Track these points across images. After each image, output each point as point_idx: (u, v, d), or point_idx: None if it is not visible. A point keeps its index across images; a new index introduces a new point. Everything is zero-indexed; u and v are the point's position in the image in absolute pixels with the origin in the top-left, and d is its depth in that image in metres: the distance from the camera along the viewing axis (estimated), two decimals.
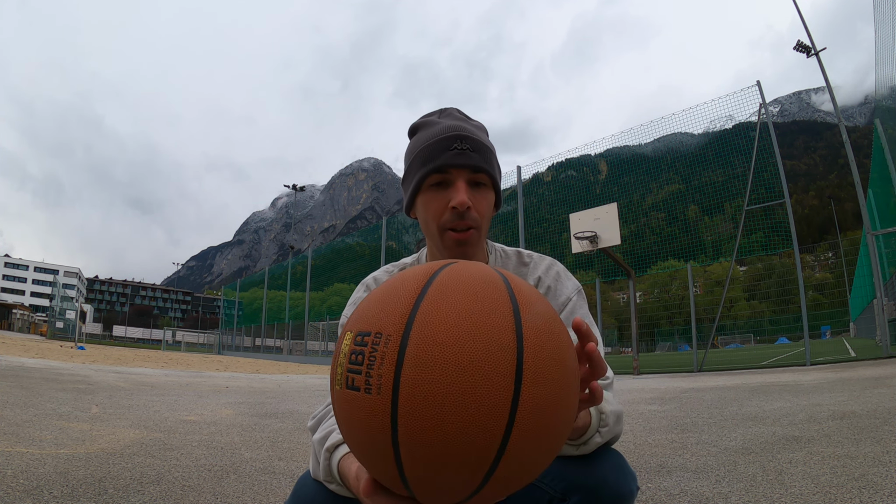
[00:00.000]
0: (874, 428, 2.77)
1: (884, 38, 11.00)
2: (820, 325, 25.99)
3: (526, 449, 0.48)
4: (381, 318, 0.49)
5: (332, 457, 0.73)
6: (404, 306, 0.49)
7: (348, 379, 0.49)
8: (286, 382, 8.27)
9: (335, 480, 0.73)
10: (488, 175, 0.89)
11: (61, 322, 36.65)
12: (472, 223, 0.87)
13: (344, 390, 0.50)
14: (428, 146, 0.89)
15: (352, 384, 0.49)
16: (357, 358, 0.49)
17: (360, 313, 0.53)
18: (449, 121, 0.91)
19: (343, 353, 0.51)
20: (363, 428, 0.49)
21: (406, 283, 0.52)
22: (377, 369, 0.47)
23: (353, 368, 0.49)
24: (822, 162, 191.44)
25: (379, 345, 0.48)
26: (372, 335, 0.49)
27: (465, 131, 0.88)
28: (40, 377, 5.96)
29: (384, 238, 18.28)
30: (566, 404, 0.51)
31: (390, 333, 0.48)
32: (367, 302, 0.53)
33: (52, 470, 2.05)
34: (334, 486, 0.74)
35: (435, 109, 0.98)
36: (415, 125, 0.96)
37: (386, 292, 0.52)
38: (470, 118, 0.96)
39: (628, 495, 0.76)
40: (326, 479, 0.74)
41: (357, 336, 0.50)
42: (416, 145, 0.92)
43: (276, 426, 3.59)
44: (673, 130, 13.31)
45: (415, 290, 0.50)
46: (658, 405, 4.51)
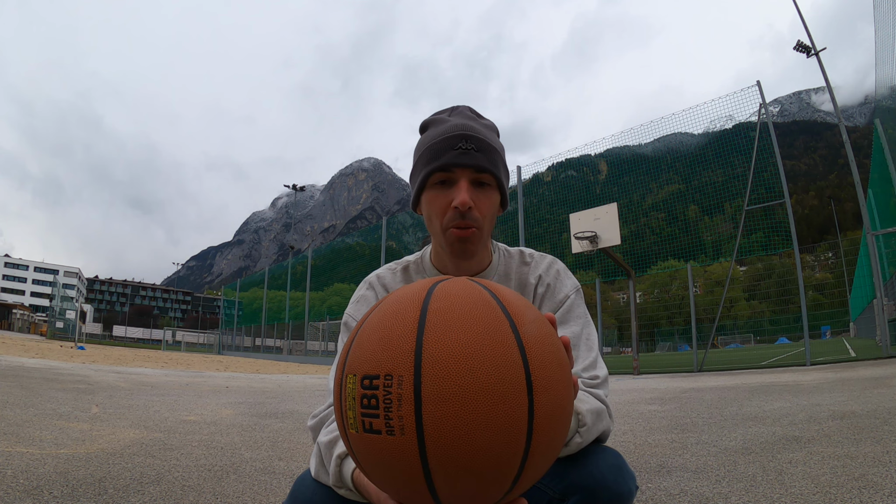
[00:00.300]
0: (874, 428, 2.77)
1: (884, 39, 11.00)
2: (820, 326, 25.99)
3: (543, 452, 0.51)
4: (386, 360, 0.49)
5: (344, 464, 0.73)
6: (407, 343, 0.49)
7: (364, 423, 0.49)
8: (286, 382, 8.27)
9: (346, 486, 0.72)
10: (492, 175, 0.89)
11: (61, 322, 36.65)
12: (474, 223, 0.87)
13: (362, 434, 0.50)
14: (434, 144, 0.89)
15: (370, 428, 0.49)
16: (370, 402, 0.49)
17: (359, 355, 0.52)
18: (458, 119, 0.91)
19: (351, 396, 0.51)
20: (391, 467, 0.50)
21: (400, 318, 0.52)
22: (396, 411, 0.47)
23: (368, 413, 0.49)
24: (822, 162, 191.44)
25: (392, 387, 0.48)
26: (381, 377, 0.49)
27: (471, 130, 0.88)
28: (40, 377, 5.96)
29: (384, 238, 18.28)
30: (569, 400, 0.54)
31: (402, 374, 0.48)
32: (365, 341, 0.52)
33: (52, 470, 2.05)
34: (343, 492, 0.73)
35: (446, 107, 0.98)
36: (425, 122, 0.96)
37: (382, 329, 0.52)
38: (481, 117, 0.96)
39: (627, 495, 0.76)
40: (336, 484, 0.74)
41: (364, 380, 0.50)
42: (423, 142, 0.92)
43: (276, 426, 3.59)
44: (673, 130, 13.33)
45: (412, 325, 0.50)
46: (658, 405, 4.51)
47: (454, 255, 0.91)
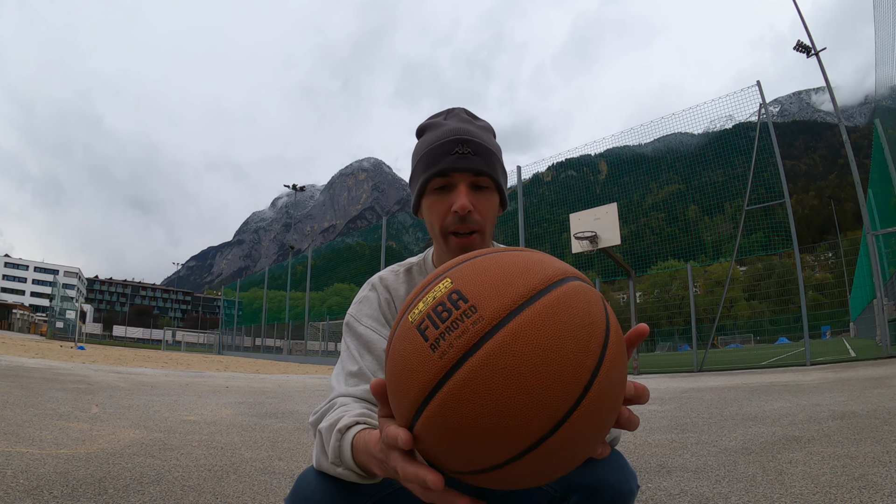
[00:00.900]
0: (874, 428, 2.77)
1: (884, 39, 11.00)
2: (820, 326, 26.00)
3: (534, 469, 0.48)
4: (486, 296, 0.48)
5: (345, 437, 0.72)
6: (514, 297, 0.47)
7: (423, 323, 0.49)
8: (286, 382, 8.27)
9: (343, 463, 0.71)
10: (490, 178, 0.90)
11: (61, 322, 36.67)
12: (475, 226, 0.88)
13: (412, 329, 0.49)
14: (431, 150, 0.90)
15: (423, 330, 0.48)
16: (442, 313, 0.48)
17: (472, 275, 0.50)
18: (454, 122, 0.92)
19: (433, 294, 0.50)
20: (403, 378, 0.49)
21: (530, 273, 0.50)
22: (451, 338, 0.46)
23: (433, 319, 0.48)
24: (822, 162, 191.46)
25: (466, 320, 0.47)
26: (469, 304, 0.47)
27: (468, 134, 0.89)
28: (40, 377, 5.96)
29: (384, 238, 18.28)
30: (619, 398, 0.51)
31: (484, 316, 0.46)
32: (488, 271, 0.50)
33: (52, 470, 2.05)
34: (340, 470, 0.72)
35: (442, 110, 0.98)
36: (422, 126, 0.97)
37: (506, 271, 0.50)
38: (476, 118, 0.96)
39: (628, 494, 0.76)
40: (334, 461, 0.72)
41: (453, 293, 0.49)
42: (421, 147, 0.93)
43: (276, 426, 3.59)
44: (673, 130, 13.33)
45: (530, 291, 0.48)
46: (658, 405, 4.51)
47: None
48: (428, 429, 0.48)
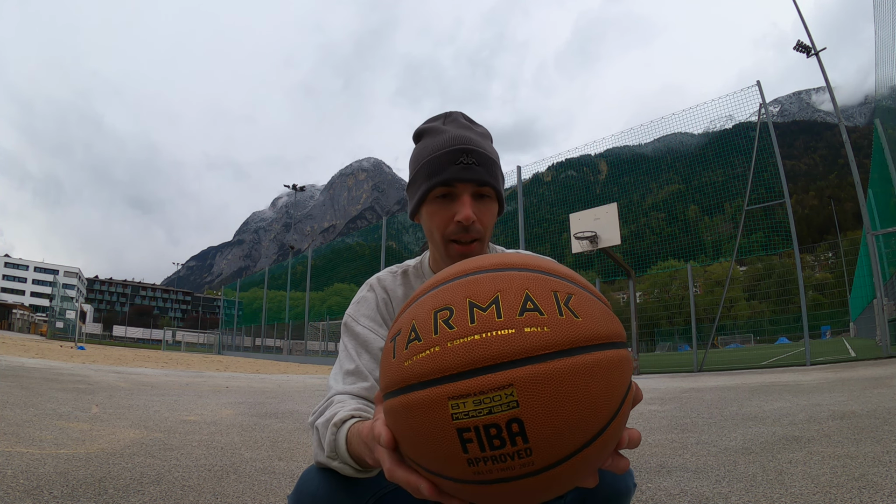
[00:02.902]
0: (874, 428, 2.77)
1: (884, 39, 11.00)
2: (820, 325, 25.99)
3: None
4: (549, 444, 0.43)
5: (340, 431, 0.73)
6: (576, 446, 0.45)
7: (467, 433, 0.43)
8: (286, 382, 8.27)
9: (339, 456, 0.72)
10: (492, 188, 0.91)
11: (61, 322, 36.65)
12: (477, 235, 0.90)
13: (452, 431, 0.44)
14: (433, 158, 0.90)
15: (465, 441, 0.44)
16: (493, 440, 0.43)
17: (543, 405, 0.43)
18: (454, 128, 0.92)
19: (488, 403, 0.43)
20: (435, 454, 0.46)
21: (600, 411, 0.46)
22: (493, 467, 0.43)
23: (482, 440, 0.43)
24: (822, 162, 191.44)
25: (518, 460, 0.43)
26: (527, 446, 0.43)
27: (470, 143, 0.90)
28: (40, 377, 5.95)
29: (384, 238, 18.28)
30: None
31: (535, 462, 0.44)
32: (562, 406, 0.43)
33: (52, 470, 2.05)
34: (336, 464, 0.73)
35: (439, 113, 0.99)
36: (419, 131, 0.97)
37: (581, 410, 0.44)
38: (474, 124, 0.97)
39: (625, 492, 0.77)
40: (330, 454, 0.73)
41: (514, 422, 0.42)
42: (421, 154, 0.93)
43: (276, 426, 3.59)
44: (673, 130, 13.32)
45: (597, 428, 0.46)
46: (658, 405, 4.51)
47: None
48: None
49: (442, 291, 0.48)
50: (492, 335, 0.43)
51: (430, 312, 0.46)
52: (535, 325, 0.43)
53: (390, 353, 0.49)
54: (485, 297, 0.45)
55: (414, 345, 0.46)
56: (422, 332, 0.46)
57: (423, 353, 0.45)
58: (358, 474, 0.73)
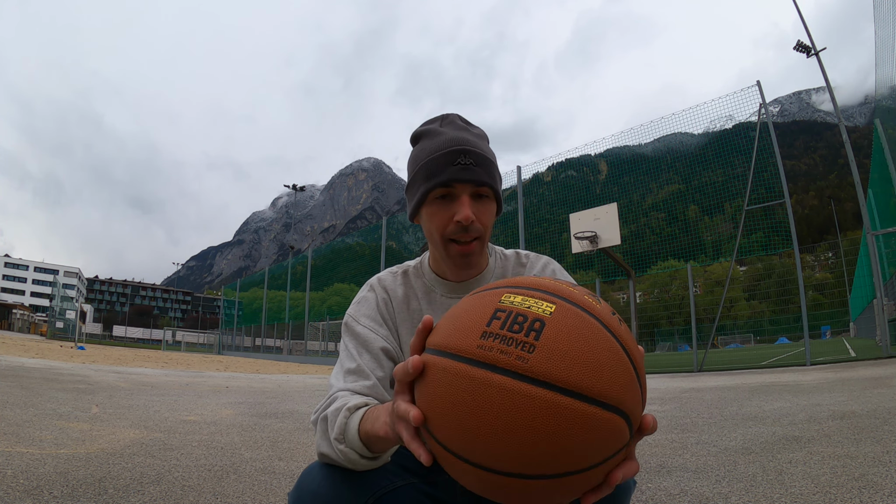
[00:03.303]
0: (874, 428, 2.77)
1: (884, 39, 11.00)
2: (820, 325, 25.99)
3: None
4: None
5: (354, 415, 0.75)
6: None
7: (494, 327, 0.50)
8: (286, 382, 8.28)
9: (346, 439, 0.73)
10: (491, 188, 0.93)
11: (61, 322, 36.66)
12: (476, 234, 0.92)
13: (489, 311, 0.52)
14: (432, 160, 0.91)
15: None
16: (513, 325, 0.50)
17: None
18: (451, 130, 0.94)
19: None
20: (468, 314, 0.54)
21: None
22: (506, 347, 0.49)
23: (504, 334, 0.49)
24: (822, 162, 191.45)
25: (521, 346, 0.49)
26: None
27: (468, 144, 0.91)
28: (40, 377, 5.95)
29: (384, 238, 18.28)
30: None
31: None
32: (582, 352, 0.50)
33: (52, 470, 2.05)
34: (342, 447, 0.74)
35: (436, 116, 1.00)
36: (416, 133, 0.98)
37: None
38: (471, 125, 0.98)
39: (625, 489, 0.77)
40: (337, 437, 0.75)
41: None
42: (419, 156, 0.94)
43: (276, 426, 3.59)
44: (673, 130, 13.31)
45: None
46: (658, 405, 4.51)
47: (456, 266, 0.95)
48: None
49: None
50: (560, 286, 0.54)
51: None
52: (594, 300, 0.54)
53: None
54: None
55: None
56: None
57: (493, 288, 0.57)
58: (360, 461, 0.73)
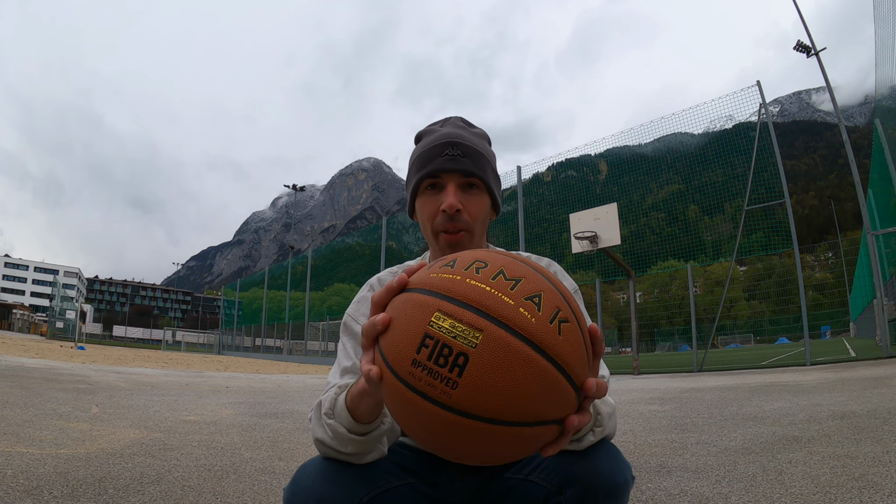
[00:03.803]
0: (874, 428, 2.77)
1: (884, 38, 11.00)
2: (820, 325, 25.98)
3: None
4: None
5: (343, 392, 0.76)
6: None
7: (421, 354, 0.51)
8: (286, 382, 8.28)
9: (336, 413, 0.74)
10: (479, 178, 0.93)
11: (61, 322, 36.65)
12: (463, 226, 0.92)
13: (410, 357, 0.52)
14: (423, 153, 0.94)
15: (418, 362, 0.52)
16: (438, 358, 0.51)
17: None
18: (448, 129, 0.96)
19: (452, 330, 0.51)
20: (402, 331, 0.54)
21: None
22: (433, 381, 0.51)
23: (429, 365, 0.51)
24: (822, 162, 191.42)
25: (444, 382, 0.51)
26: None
27: (458, 138, 0.93)
28: (40, 377, 5.95)
29: (384, 238, 18.28)
30: None
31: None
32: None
33: (52, 470, 2.05)
34: (332, 422, 0.75)
35: (441, 118, 1.03)
36: (419, 133, 1.01)
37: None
38: (472, 126, 1.00)
39: (623, 485, 0.77)
40: (327, 412, 0.76)
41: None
42: (415, 152, 0.98)
43: (276, 426, 3.59)
44: (673, 130, 13.32)
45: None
46: (658, 405, 4.51)
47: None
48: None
49: (487, 256, 0.58)
50: (497, 295, 0.52)
51: (472, 260, 0.57)
52: (530, 312, 0.51)
53: (426, 268, 0.59)
54: (513, 274, 0.54)
55: (446, 269, 0.56)
56: (458, 265, 0.56)
57: (447, 275, 0.55)
58: (345, 435, 0.73)
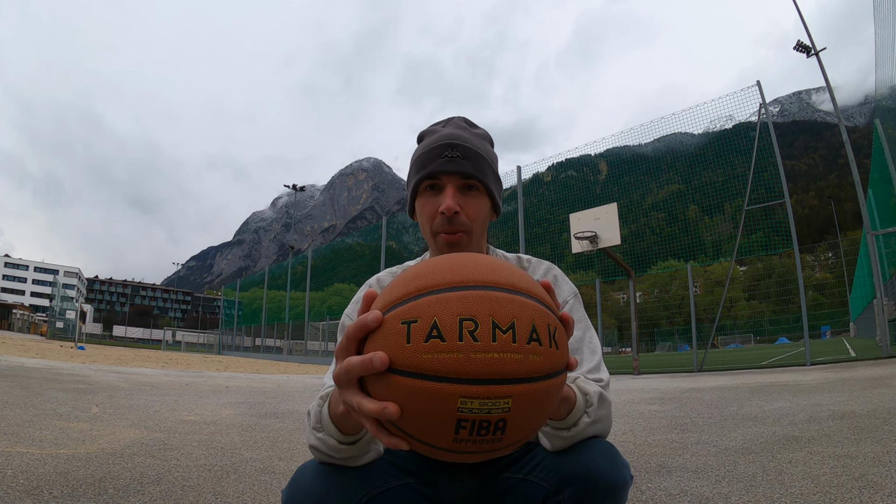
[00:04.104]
0: (874, 428, 2.77)
1: (884, 38, 11.00)
2: (820, 325, 25.98)
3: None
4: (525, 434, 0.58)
5: (325, 403, 0.75)
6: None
7: (464, 423, 0.52)
8: (286, 382, 8.28)
9: (323, 426, 0.74)
10: (479, 181, 0.92)
11: (61, 322, 36.64)
12: (462, 227, 0.91)
13: (452, 420, 0.53)
14: (423, 154, 0.94)
15: (460, 424, 0.53)
16: (482, 430, 0.53)
17: (526, 412, 0.56)
18: (450, 129, 0.96)
19: (488, 409, 0.53)
20: (426, 418, 0.53)
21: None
22: (473, 446, 0.54)
23: (472, 432, 0.53)
24: (822, 162, 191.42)
25: (491, 444, 0.55)
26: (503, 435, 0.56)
27: (458, 139, 0.93)
28: (40, 377, 5.95)
29: (384, 238, 18.28)
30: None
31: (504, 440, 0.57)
32: (538, 414, 0.58)
33: (52, 470, 2.05)
34: (321, 435, 0.75)
35: (444, 118, 1.03)
36: (421, 133, 1.01)
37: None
38: (474, 127, 1.00)
39: (622, 484, 0.77)
40: (315, 426, 0.76)
41: (500, 422, 0.54)
42: (416, 153, 0.97)
43: (276, 426, 3.59)
44: (673, 130, 13.32)
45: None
46: (658, 405, 4.51)
47: None
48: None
49: (465, 299, 0.54)
50: (506, 356, 0.52)
51: (455, 318, 0.53)
52: (536, 353, 0.53)
53: (402, 335, 0.53)
54: (504, 320, 0.53)
55: (436, 343, 0.52)
56: (446, 333, 0.52)
57: (446, 353, 0.51)
58: (337, 446, 0.74)
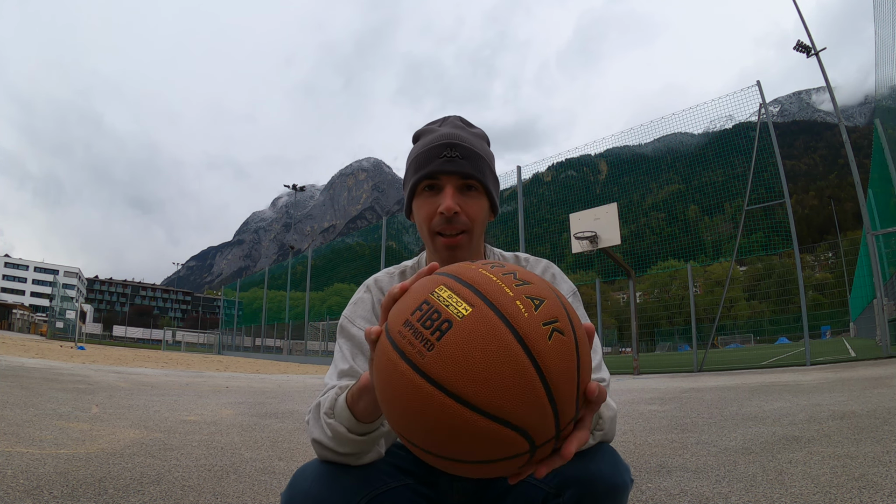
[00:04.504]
0: (874, 428, 2.77)
1: (884, 38, 11.00)
2: (820, 325, 25.98)
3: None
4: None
5: (344, 392, 0.76)
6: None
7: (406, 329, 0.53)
8: (286, 382, 8.28)
9: (336, 413, 0.75)
10: (478, 181, 0.92)
11: (61, 322, 36.64)
12: (461, 227, 0.91)
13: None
14: (421, 154, 0.93)
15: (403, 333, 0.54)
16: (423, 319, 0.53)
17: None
18: (447, 129, 0.95)
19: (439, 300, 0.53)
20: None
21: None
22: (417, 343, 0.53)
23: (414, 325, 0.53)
24: (822, 162, 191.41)
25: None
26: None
27: (457, 139, 0.92)
28: (40, 377, 5.95)
29: (384, 238, 18.28)
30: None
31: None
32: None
33: (52, 470, 2.05)
34: (331, 422, 0.75)
35: (440, 117, 1.02)
36: (417, 133, 1.00)
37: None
38: (471, 126, 0.99)
39: (622, 487, 0.77)
40: (327, 411, 0.76)
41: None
42: (413, 152, 0.96)
43: (276, 426, 3.59)
44: (673, 130, 13.32)
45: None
46: (658, 405, 4.51)
47: (443, 261, 0.93)
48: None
49: (517, 268, 0.58)
50: (499, 285, 0.53)
51: (494, 262, 0.59)
52: (525, 309, 0.52)
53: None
54: (524, 278, 0.56)
55: (468, 263, 0.60)
56: (481, 262, 0.59)
57: (466, 264, 0.58)
58: (345, 434, 0.73)
